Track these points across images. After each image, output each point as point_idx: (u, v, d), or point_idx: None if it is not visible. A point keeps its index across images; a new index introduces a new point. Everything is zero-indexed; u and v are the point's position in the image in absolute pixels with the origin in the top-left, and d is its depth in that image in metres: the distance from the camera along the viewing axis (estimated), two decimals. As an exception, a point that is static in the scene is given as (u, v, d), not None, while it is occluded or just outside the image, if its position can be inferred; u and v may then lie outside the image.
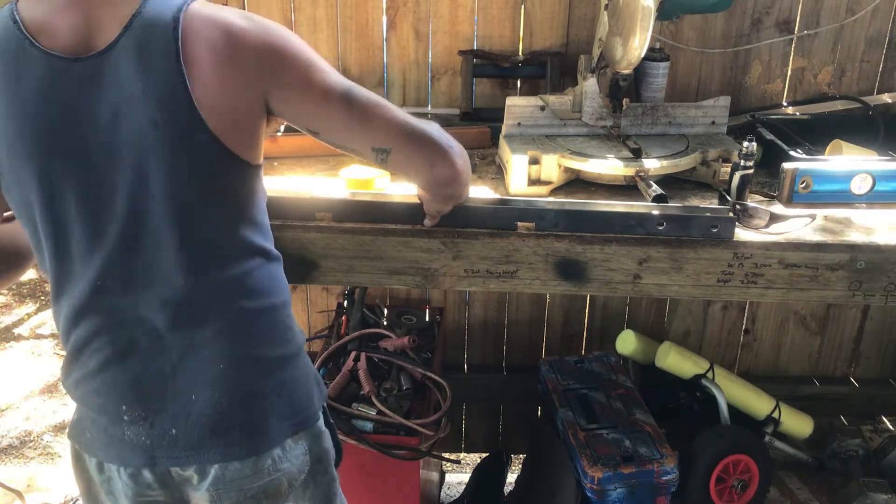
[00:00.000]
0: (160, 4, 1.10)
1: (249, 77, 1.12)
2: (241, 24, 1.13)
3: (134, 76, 1.07)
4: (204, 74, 1.08)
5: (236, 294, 1.18)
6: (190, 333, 1.17)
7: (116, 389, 1.19)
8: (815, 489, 2.22)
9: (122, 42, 1.07)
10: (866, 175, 1.65)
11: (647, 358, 2.25)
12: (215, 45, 1.10)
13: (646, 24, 1.58)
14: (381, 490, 1.90)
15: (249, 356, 1.20)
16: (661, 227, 1.49)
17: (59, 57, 1.08)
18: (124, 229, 1.12)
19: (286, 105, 1.18)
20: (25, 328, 3.62)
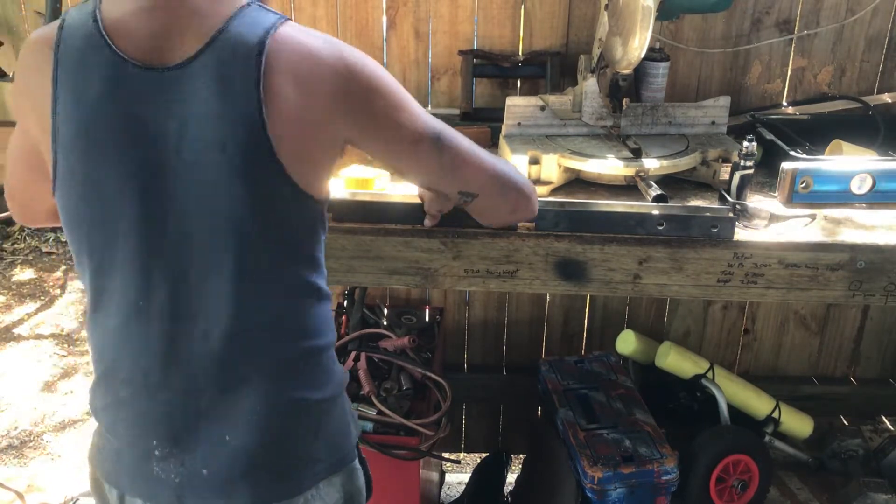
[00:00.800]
0: (248, 23, 1.03)
1: (334, 114, 1.07)
2: (331, 56, 1.06)
3: (209, 96, 1.01)
4: (284, 104, 1.02)
5: (283, 333, 1.13)
6: (230, 370, 1.11)
7: (147, 423, 1.13)
8: (815, 489, 2.22)
9: (201, 59, 1.01)
10: (866, 175, 1.65)
11: (647, 358, 2.25)
12: (300, 75, 1.04)
13: (646, 24, 1.58)
14: (381, 490, 1.89)
15: (290, 399, 1.14)
16: (661, 227, 1.49)
17: (133, 64, 1.02)
18: (174, 253, 1.06)
19: (372, 145, 1.14)
20: (25, 328, 3.62)
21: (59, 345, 3.47)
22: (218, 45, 1.02)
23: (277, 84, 1.02)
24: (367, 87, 1.09)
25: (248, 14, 1.05)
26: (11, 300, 3.84)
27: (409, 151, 1.16)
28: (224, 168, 1.02)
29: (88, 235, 1.09)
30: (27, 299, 3.85)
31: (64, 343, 3.49)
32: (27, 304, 3.80)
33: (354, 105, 1.08)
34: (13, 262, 4.15)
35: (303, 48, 1.05)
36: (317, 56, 1.06)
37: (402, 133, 1.13)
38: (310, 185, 1.08)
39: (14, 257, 4.19)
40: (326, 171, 1.12)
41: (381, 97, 1.10)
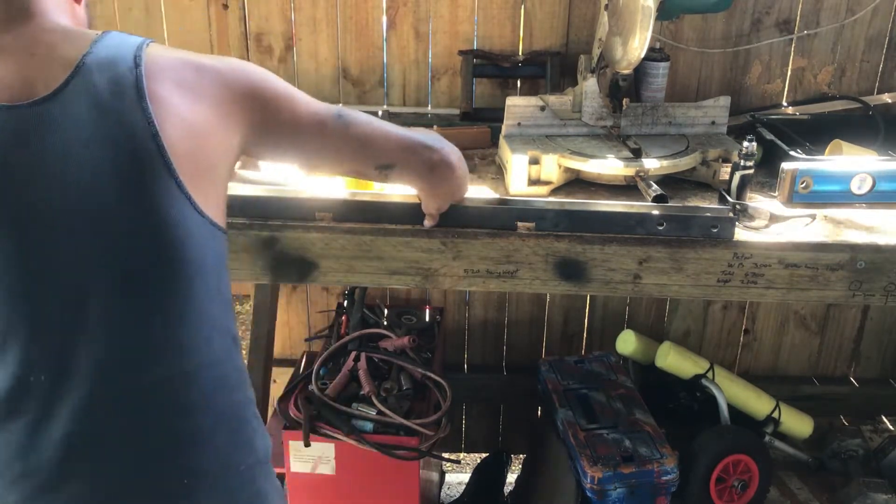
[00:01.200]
0: (114, 45, 0.97)
1: (227, 120, 1.01)
2: (210, 61, 1.03)
3: (88, 121, 0.91)
4: (172, 113, 0.95)
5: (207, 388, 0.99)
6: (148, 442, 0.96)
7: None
8: (815, 489, 2.22)
9: (72, 84, 0.92)
10: (866, 175, 1.65)
11: (647, 358, 2.25)
12: (186, 84, 0.98)
13: (646, 24, 1.58)
14: (381, 490, 1.90)
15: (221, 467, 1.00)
16: (661, 227, 1.49)
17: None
18: (67, 313, 0.92)
19: (275, 145, 1.10)
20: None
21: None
22: (87, 69, 0.93)
23: (161, 93, 0.95)
24: (258, 88, 1.06)
25: (110, 37, 0.99)
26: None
27: (314, 137, 1.13)
28: (119, 197, 0.91)
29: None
30: (27, 299, 3.84)
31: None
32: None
33: (248, 108, 1.04)
34: (13, 262, 4.14)
35: (180, 57, 1.01)
36: (196, 62, 1.02)
37: (302, 122, 1.11)
38: (213, 209, 0.99)
39: (14, 257, 4.18)
40: (222, 190, 1.04)
41: (272, 94, 1.08)
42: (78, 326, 0.92)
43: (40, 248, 0.92)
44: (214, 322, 1.01)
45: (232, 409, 1.03)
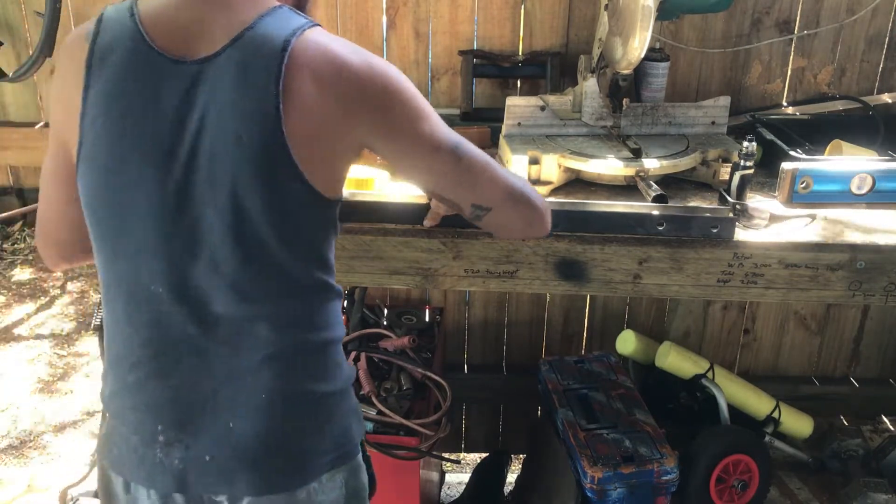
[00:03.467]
0: (276, 24, 1.06)
1: (355, 118, 1.08)
2: (354, 60, 1.08)
3: (230, 89, 1.04)
4: (303, 103, 1.04)
5: (291, 326, 1.14)
6: (237, 359, 1.12)
7: (154, 408, 1.14)
8: (815, 489, 2.22)
9: (227, 52, 1.04)
10: (866, 175, 1.65)
11: (647, 358, 2.25)
12: (322, 77, 1.06)
13: (646, 24, 1.58)
14: (381, 490, 1.89)
15: (296, 390, 1.15)
16: (661, 227, 1.49)
17: (162, 55, 1.06)
18: (187, 239, 1.08)
19: (390, 152, 1.15)
20: (25, 328, 3.62)
21: (58, 345, 3.47)
22: (244, 42, 1.04)
23: (298, 82, 1.04)
24: (389, 94, 1.10)
25: (278, 14, 1.08)
26: (11, 300, 3.83)
27: (425, 160, 1.17)
28: (238, 160, 1.04)
29: (105, 221, 1.11)
30: (27, 299, 3.84)
31: (63, 343, 3.49)
32: (27, 304, 3.80)
33: (375, 110, 1.09)
34: (13, 262, 4.14)
35: (328, 51, 1.07)
36: (341, 59, 1.07)
37: (420, 142, 1.14)
38: (323, 186, 1.09)
39: (14, 257, 4.18)
40: (341, 174, 1.14)
41: (401, 104, 1.12)
42: (195, 257, 1.08)
43: (176, 185, 1.06)
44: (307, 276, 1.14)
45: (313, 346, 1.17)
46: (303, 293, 1.15)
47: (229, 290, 1.09)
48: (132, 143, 1.06)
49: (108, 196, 1.10)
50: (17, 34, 2.28)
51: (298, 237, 1.11)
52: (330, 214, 1.15)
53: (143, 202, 1.08)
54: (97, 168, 1.09)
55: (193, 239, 1.08)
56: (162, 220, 1.08)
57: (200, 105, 1.05)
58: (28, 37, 2.27)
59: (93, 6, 2.18)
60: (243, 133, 1.03)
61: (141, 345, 1.13)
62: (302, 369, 1.16)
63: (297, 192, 1.07)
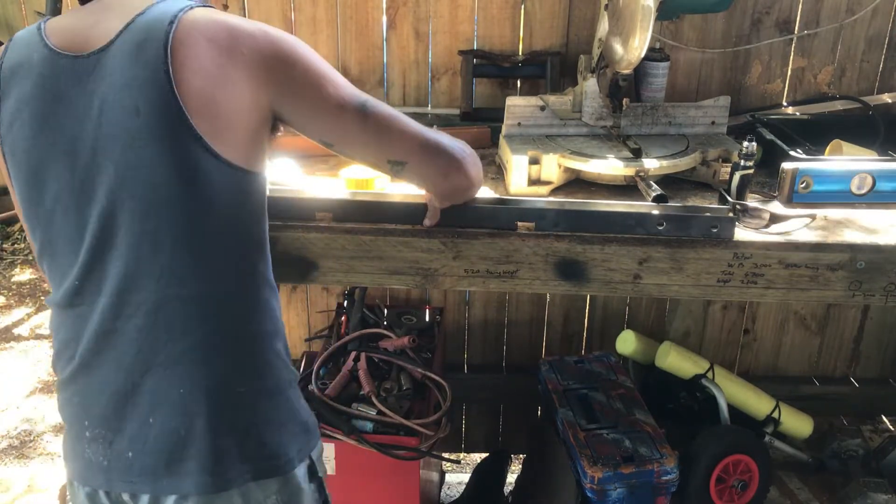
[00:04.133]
0: (167, 5, 1.10)
1: (255, 80, 1.09)
2: (250, 27, 1.11)
3: (125, 68, 1.06)
4: (196, 65, 1.05)
5: (213, 313, 1.10)
6: (156, 348, 1.09)
7: (82, 402, 1.15)
8: (815, 489, 2.22)
9: (121, 37, 1.08)
10: (866, 175, 1.65)
11: (647, 358, 2.25)
12: (218, 41, 1.07)
13: (646, 24, 1.58)
14: (381, 490, 1.90)
15: (215, 386, 1.11)
16: (661, 227, 1.49)
17: (63, 55, 1.09)
18: (102, 228, 1.08)
19: (298, 115, 1.15)
20: (25, 328, 3.62)
21: (59, 345, 3.47)
22: (136, 25, 1.08)
23: (191, 48, 1.05)
24: (289, 57, 1.12)
25: (170, 1, 1.11)
26: (11, 300, 3.83)
27: (334, 120, 1.16)
28: (141, 133, 1.04)
29: (33, 218, 1.14)
30: (27, 300, 3.84)
31: (64, 343, 3.49)
32: (27, 305, 3.80)
33: (276, 73, 1.10)
34: (13, 263, 4.15)
35: (222, 20, 1.10)
36: (237, 26, 1.10)
37: (326, 102, 1.14)
38: (233, 153, 1.08)
39: (14, 257, 4.18)
40: (251, 140, 1.11)
41: (303, 66, 1.13)
42: (109, 242, 1.08)
43: (86, 173, 1.08)
44: (229, 255, 1.11)
45: (238, 337, 1.13)
46: (225, 277, 1.11)
47: (145, 274, 1.08)
48: (45, 141, 1.09)
49: (31, 196, 1.12)
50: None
51: (214, 212, 1.09)
52: (249, 188, 1.12)
53: (61, 197, 1.10)
54: (19, 174, 1.12)
55: (107, 226, 1.08)
56: (75, 213, 1.09)
57: (100, 92, 1.07)
58: None
59: (93, 6, 2.18)
60: (140, 104, 1.04)
61: (71, 339, 1.15)
62: (223, 362, 1.11)
63: (203, 160, 1.06)
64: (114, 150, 1.06)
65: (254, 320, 1.15)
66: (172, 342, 1.09)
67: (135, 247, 1.07)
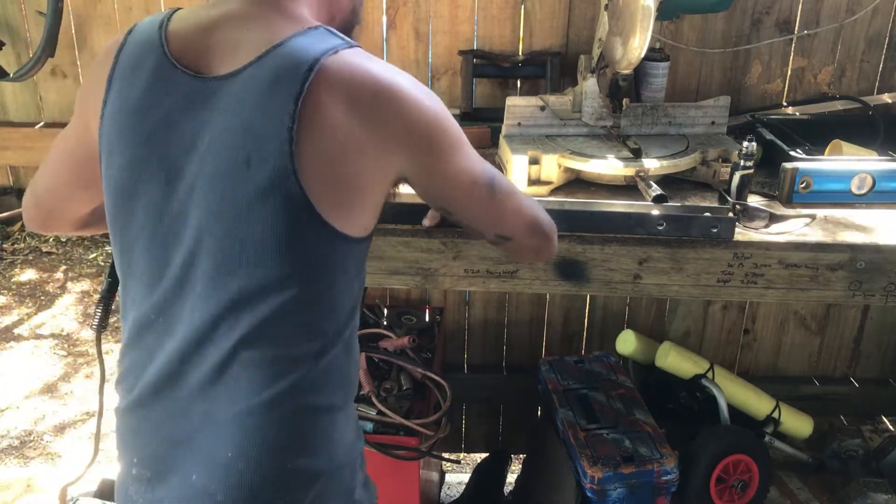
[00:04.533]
0: (309, 42, 0.98)
1: (389, 145, 1.00)
2: (396, 84, 1.01)
3: (245, 109, 0.96)
4: (326, 123, 0.95)
5: (278, 380, 1.01)
6: (216, 405, 1.02)
7: (133, 439, 1.10)
8: (815, 489, 2.22)
9: (249, 70, 0.97)
10: (866, 175, 1.65)
11: (647, 358, 2.25)
12: (360, 102, 0.97)
13: (646, 24, 1.58)
14: (381, 490, 1.89)
15: (264, 454, 1.01)
16: (661, 227, 1.49)
17: (182, 71, 1.01)
18: (184, 267, 1.01)
19: (425, 185, 1.09)
20: (25, 328, 3.62)
21: (59, 345, 3.47)
22: (269, 59, 0.97)
23: (324, 102, 0.95)
24: (433, 127, 1.05)
25: (314, 34, 1.01)
26: (11, 300, 3.83)
27: (462, 194, 1.12)
28: (244, 185, 0.96)
29: (115, 233, 1.09)
30: (27, 299, 3.85)
31: (64, 343, 3.49)
32: (27, 305, 3.80)
33: (416, 142, 1.03)
34: (13, 262, 4.14)
35: (364, 71, 0.99)
36: (383, 84, 0.99)
37: (459, 177, 1.10)
38: (342, 221, 1.00)
39: (14, 257, 4.18)
40: (366, 208, 1.03)
41: (443, 136, 1.06)
42: (189, 289, 1.02)
43: (179, 209, 1.01)
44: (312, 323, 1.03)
45: (300, 409, 1.04)
46: (298, 346, 1.03)
47: (219, 329, 1.00)
48: (143, 163, 1.03)
49: (120, 216, 1.07)
50: (17, 34, 2.28)
51: (305, 278, 1.01)
52: (349, 253, 1.04)
53: (147, 225, 1.04)
54: (112, 183, 1.06)
55: (191, 268, 1.01)
56: (160, 249, 1.03)
57: (212, 125, 0.99)
58: (28, 37, 2.27)
59: (93, 6, 2.18)
60: (252, 155, 0.96)
61: (135, 368, 1.09)
62: (277, 433, 1.02)
63: (307, 226, 0.98)
64: (212, 194, 0.98)
65: (321, 393, 1.06)
66: (231, 403, 1.01)
67: (214, 299, 1.00)
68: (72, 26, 2.17)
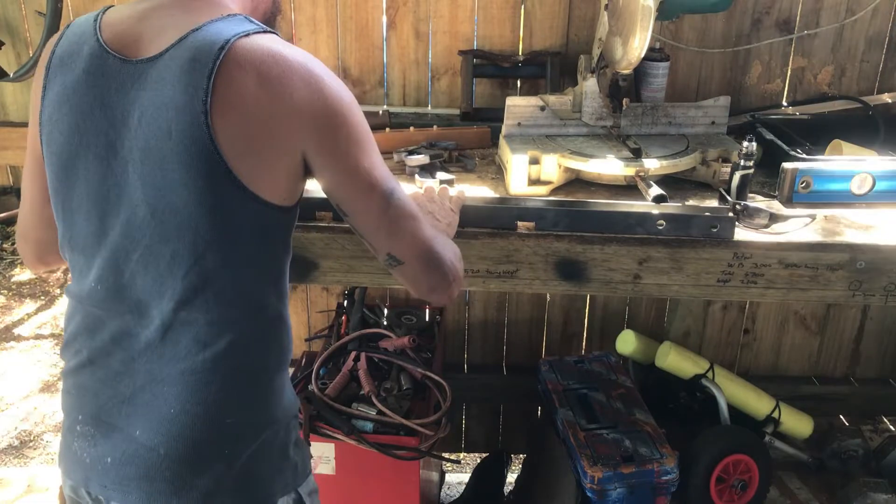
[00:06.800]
0: (225, 26, 1.06)
1: (295, 120, 1.05)
2: (307, 68, 1.06)
3: (166, 86, 1.04)
4: (237, 97, 1.02)
5: (216, 341, 1.09)
6: (159, 365, 1.09)
7: (79, 396, 1.16)
8: (815, 489, 2.22)
9: (171, 51, 1.05)
10: (866, 175, 1.65)
11: (647, 358, 2.25)
12: (268, 75, 1.03)
13: (646, 24, 1.58)
14: (381, 490, 1.90)
15: (205, 411, 1.09)
16: (661, 227, 1.49)
17: (113, 55, 1.08)
18: (122, 238, 1.08)
19: (325, 176, 1.11)
20: (25, 328, 3.62)
21: (58, 345, 3.47)
22: (188, 41, 1.05)
23: (236, 78, 1.02)
24: (338, 112, 1.08)
25: (232, 20, 1.08)
26: (11, 300, 3.84)
27: (358, 196, 1.12)
28: (169, 156, 1.04)
29: (59, 210, 1.14)
30: (27, 299, 3.85)
31: (64, 343, 3.49)
32: (27, 304, 3.80)
33: (319, 122, 1.06)
34: (13, 262, 4.14)
35: (277, 53, 1.05)
36: (292, 63, 1.05)
37: (357, 177, 1.10)
38: (259, 187, 1.06)
39: (14, 257, 4.18)
40: (281, 178, 1.08)
41: (348, 128, 1.09)
42: (129, 256, 1.09)
43: (114, 182, 1.08)
44: (243, 287, 1.10)
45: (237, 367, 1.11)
46: (235, 307, 1.10)
47: (160, 293, 1.08)
48: (80, 140, 1.09)
49: (61, 191, 1.13)
50: (17, 34, 2.28)
51: (234, 243, 1.07)
52: (273, 221, 1.10)
53: (86, 198, 1.10)
54: (53, 164, 1.12)
55: (128, 237, 1.08)
56: (98, 219, 1.10)
57: (140, 103, 1.05)
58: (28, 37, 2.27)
59: (93, 6, 2.18)
60: (173, 127, 1.03)
61: (82, 332, 1.16)
62: (217, 391, 1.09)
63: (229, 192, 1.04)
64: (143, 167, 1.05)
65: (258, 353, 1.14)
66: (174, 362, 1.09)
67: (153, 265, 1.08)
68: (72, 26, 2.18)
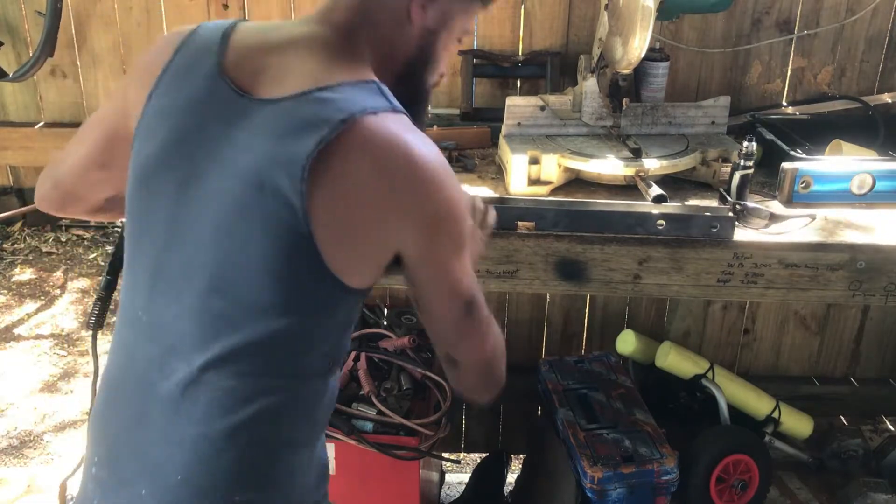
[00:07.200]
0: (355, 95, 0.98)
1: (401, 215, 0.98)
2: (430, 160, 0.98)
3: (275, 137, 0.96)
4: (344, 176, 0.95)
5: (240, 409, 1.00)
6: (175, 423, 1.01)
7: (98, 438, 1.10)
8: (815, 489, 2.22)
9: (287, 103, 0.98)
10: (866, 175, 1.65)
11: (647, 358, 2.25)
12: (385, 164, 0.96)
13: (646, 24, 1.58)
14: (381, 490, 1.90)
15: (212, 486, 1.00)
16: (661, 227, 1.49)
17: (228, 84, 1.02)
18: (180, 274, 1.02)
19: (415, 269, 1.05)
20: (25, 328, 3.62)
21: (58, 345, 3.47)
22: (311, 98, 0.97)
23: (351, 155, 0.95)
24: (448, 220, 1.02)
25: (365, 88, 1.00)
26: (11, 300, 3.83)
27: (439, 297, 1.08)
28: (252, 211, 0.97)
29: (131, 219, 1.09)
30: (27, 299, 3.84)
31: (64, 343, 3.48)
32: (27, 304, 3.80)
33: (428, 228, 1.01)
34: (13, 262, 4.14)
35: (402, 143, 0.97)
36: (415, 158, 0.97)
37: (446, 279, 1.05)
38: (342, 270, 0.99)
39: (14, 257, 4.18)
40: (369, 266, 1.03)
41: (452, 231, 1.04)
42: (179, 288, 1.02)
43: (190, 209, 1.01)
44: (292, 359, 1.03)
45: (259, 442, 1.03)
46: (269, 377, 1.02)
47: (194, 347, 1.00)
48: (167, 160, 1.03)
49: (132, 208, 1.08)
50: (17, 34, 2.28)
51: (294, 313, 1.00)
52: (344, 301, 1.04)
53: (152, 228, 1.04)
54: (136, 173, 1.07)
55: (185, 279, 1.01)
56: (160, 246, 1.03)
57: (239, 143, 0.99)
58: (28, 37, 2.27)
59: (93, 5, 2.18)
60: (267, 181, 0.95)
61: (115, 366, 1.10)
62: (229, 465, 1.01)
63: (306, 265, 0.97)
64: (220, 211, 0.98)
65: (287, 425, 1.05)
66: (191, 424, 1.00)
67: (195, 316, 1.00)
68: (71, 26, 2.17)
